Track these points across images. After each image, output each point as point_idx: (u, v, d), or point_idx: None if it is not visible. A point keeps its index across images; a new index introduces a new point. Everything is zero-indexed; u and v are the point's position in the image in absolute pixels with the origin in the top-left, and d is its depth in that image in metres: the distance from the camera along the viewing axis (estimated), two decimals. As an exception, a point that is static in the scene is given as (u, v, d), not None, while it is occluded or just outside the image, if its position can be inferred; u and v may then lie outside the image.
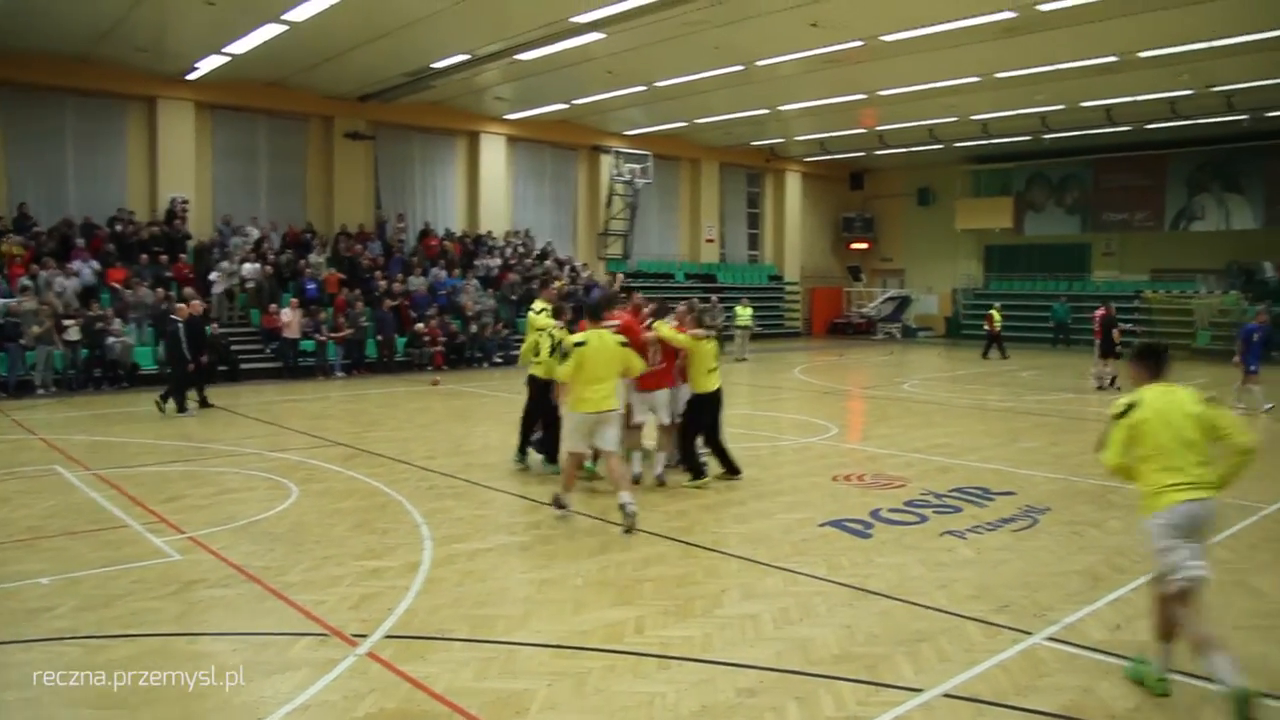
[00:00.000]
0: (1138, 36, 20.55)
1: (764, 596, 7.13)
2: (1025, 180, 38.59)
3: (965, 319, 39.16)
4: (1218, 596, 7.18)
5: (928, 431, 15.42)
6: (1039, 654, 6.09)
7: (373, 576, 7.56)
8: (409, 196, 30.05)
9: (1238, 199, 33.30)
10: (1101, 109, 28.70)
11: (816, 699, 5.38)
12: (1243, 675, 5.02)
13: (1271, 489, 11.12)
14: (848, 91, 26.80)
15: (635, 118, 31.70)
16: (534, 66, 23.31)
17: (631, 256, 35.06)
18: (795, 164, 41.00)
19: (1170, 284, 34.34)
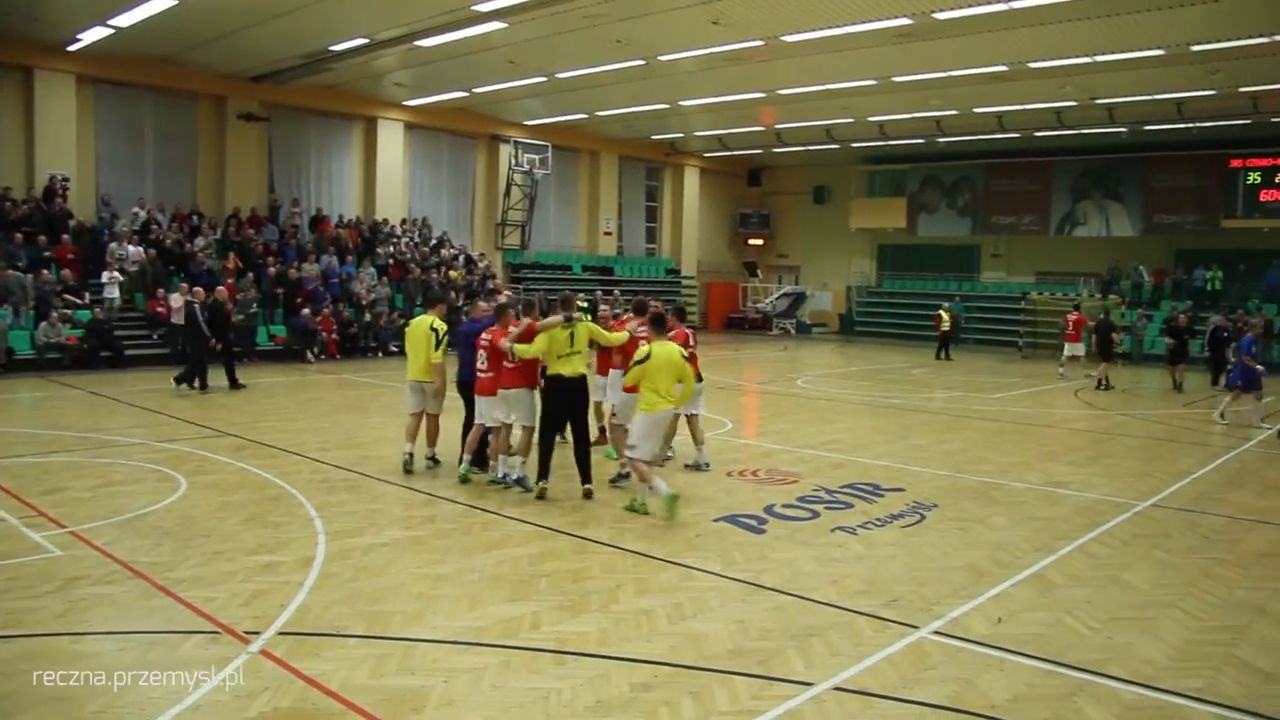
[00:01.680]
0: (1026, 48, 21.21)
1: (659, 592, 7.21)
2: (919, 182, 39.51)
3: (859, 316, 39.98)
4: (1092, 591, 7.53)
5: (821, 428, 15.72)
6: (925, 647, 6.28)
7: (265, 572, 7.44)
8: (304, 181, 29.42)
9: (1117, 207, 34.64)
10: (992, 115, 29.54)
11: (710, 693, 5.48)
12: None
13: (1143, 486, 11.63)
14: (747, 89, 27.09)
15: (535, 108, 31.55)
16: (434, 53, 23.04)
17: (529, 247, 34.92)
18: (694, 159, 41.29)
19: (1054, 286, 35.52)
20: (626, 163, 39.28)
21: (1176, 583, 7.86)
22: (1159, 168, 33.45)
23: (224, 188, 27.34)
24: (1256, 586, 7.84)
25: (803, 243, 43.59)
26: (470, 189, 34.07)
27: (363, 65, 25.00)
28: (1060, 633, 6.63)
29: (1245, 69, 22.51)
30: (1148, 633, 6.67)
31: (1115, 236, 34.83)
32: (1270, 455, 14.41)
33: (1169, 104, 26.72)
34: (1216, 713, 5.45)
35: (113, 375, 20.15)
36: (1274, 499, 11.37)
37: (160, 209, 25.60)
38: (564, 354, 9.98)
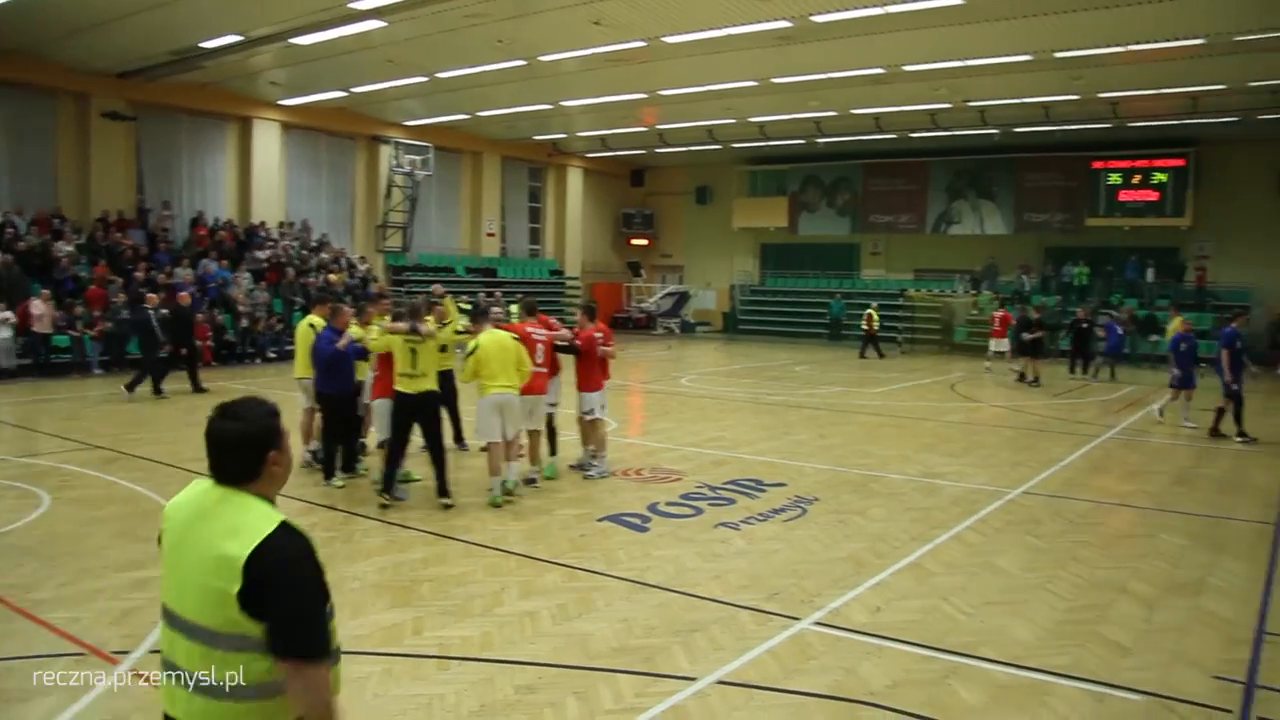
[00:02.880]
0: (901, 52, 21.74)
1: (543, 593, 7.20)
2: (799, 181, 40.19)
3: (742, 314, 40.47)
4: (966, 577, 7.77)
5: (704, 426, 15.88)
6: (807, 638, 6.40)
7: (136, 588, 7.17)
8: (175, 183, 28.42)
9: (990, 206, 35.82)
10: (870, 117, 30.19)
11: (595, 692, 5.49)
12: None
13: (1015, 475, 12.05)
14: (629, 90, 27.17)
15: (416, 108, 31.14)
16: (310, 52, 22.52)
17: (411, 249, 34.45)
18: (577, 159, 41.27)
19: (931, 283, 36.52)
20: (509, 163, 39.05)
21: (1045, 566, 8.16)
22: (1028, 168, 34.69)
23: (89, 189, 26.20)
24: (1118, 566, 8.19)
25: (686, 242, 43.94)
26: (350, 191, 33.44)
27: (236, 63, 24.31)
28: (936, 619, 6.83)
29: (1105, 76, 23.54)
30: (1018, 615, 6.92)
31: (989, 234, 35.97)
32: (1132, 442, 15.06)
33: (1036, 107, 27.73)
34: (1080, 687, 5.69)
35: (-28, 386, 19.24)
36: (1135, 483, 11.90)
37: (18, 212, 24.38)
38: (407, 373, 9.69)
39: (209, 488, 2.79)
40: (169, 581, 2.78)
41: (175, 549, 2.78)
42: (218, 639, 2.61)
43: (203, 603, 2.62)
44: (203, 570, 2.63)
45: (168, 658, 2.76)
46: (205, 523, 2.70)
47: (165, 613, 2.78)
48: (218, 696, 2.62)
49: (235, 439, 2.77)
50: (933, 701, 5.47)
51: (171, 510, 2.88)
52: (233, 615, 2.56)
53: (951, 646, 6.30)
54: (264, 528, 2.64)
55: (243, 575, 2.55)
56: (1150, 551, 8.72)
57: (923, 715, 5.30)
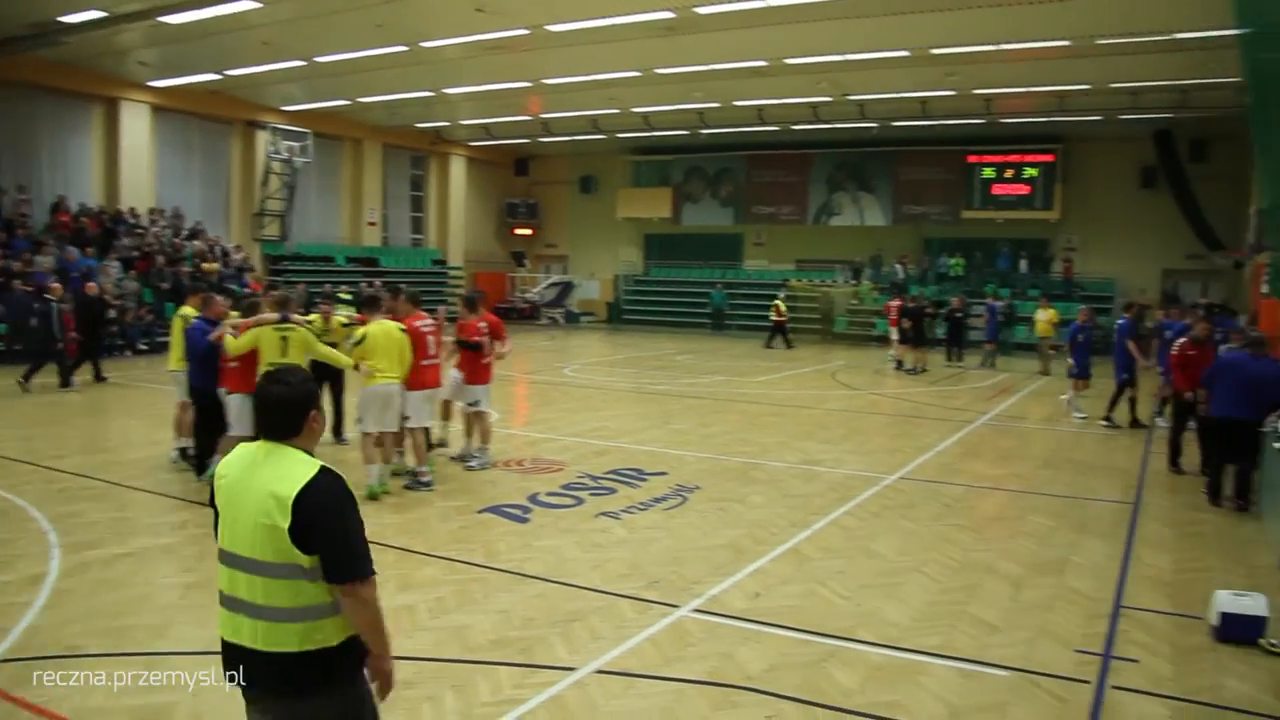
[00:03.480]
0: (784, 44, 22.01)
1: (421, 587, 7.10)
2: (683, 172, 40.43)
3: (626, 305, 40.58)
4: (844, 561, 7.92)
5: (586, 416, 15.86)
6: (686, 626, 6.44)
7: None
8: (34, 166, 27.09)
9: (870, 198, 36.61)
10: (753, 109, 30.54)
11: (473, 685, 5.44)
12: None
13: (892, 460, 12.33)
14: (513, 78, 26.95)
15: (294, 93, 30.35)
16: (182, 31, 21.66)
17: (290, 239, 33.60)
18: (461, 148, 40.79)
19: (813, 273, 37.14)
20: (391, 151, 38.38)
21: (919, 549, 8.37)
22: (907, 162, 35.56)
23: (-60, 172, 24.87)
24: (988, 547, 8.46)
25: (570, 232, 43.84)
26: (226, 177, 32.39)
27: (101, 40, 23.22)
28: (814, 603, 6.94)
29: (978, 73, 24.27)
30: (893, 597, 7.08)
31: (869, 225, 36.74)
32: (1003, 428, 15.56)
33: (914, 102, 28.42)
34: (951, 665, 5.86)
35: None
36: (1005, 467, 12.30)
37: None
38: (274, 364, 9.25)
39: (258, 445, 3.34)
40: (227, 528, 3.32)
41: (231, 498, 3.32)
42: (273, 569, 3.15)
43: (258, 540, 3.16)
44: (257, 511, 3.17)
45: (229, 594, 3.29)
46: (257, 472, 3.25)
47: (225, 555, 3.32)
48: (278, 619, 3.16)
49: (283, 401, 3.31)
50: (809, 684, 5.56)
51: (223, 468, 3.41)
52: (284, 547, 3.11)
53: (828, 630, 6.41)
54: (307, 473, 3.18)
55: (292, 513, 3.10)
56: (1018, 533, 9.02)
57: (798, 698, 5.38)
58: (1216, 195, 29.08)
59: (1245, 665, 6.01)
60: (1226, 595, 6.49)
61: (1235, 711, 5.40)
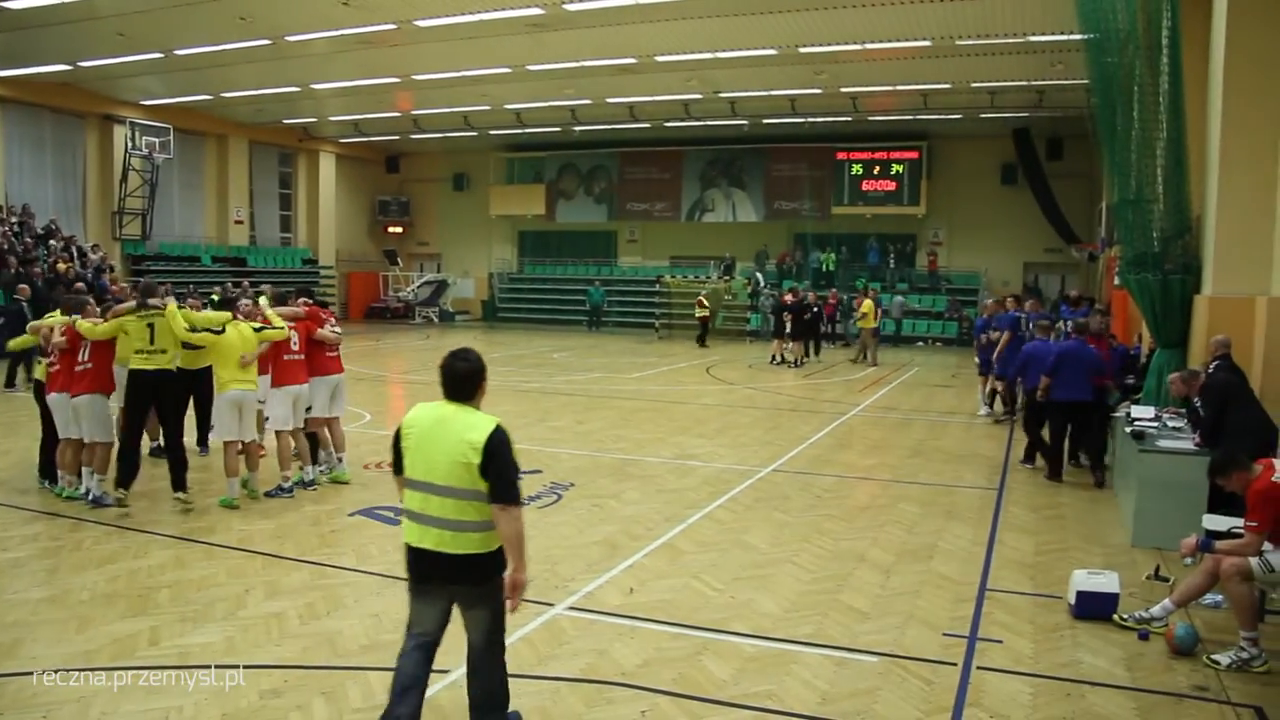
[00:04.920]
0: (653, 42, 22.17)
1: (290, 593, 6.92)
2: (557, 169, 40.34)
3: (501, 303, 40.32)
4: (717, 554, 8.00)
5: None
6: (560, 624, 6.42)
7: None
8: None
9: (742, 194, 37.09)
10: (625, 106, 30.66)
11: (344, 691, 5.33)
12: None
13: (765, 454, 12.50)
14: (382, 74, 26.52)
15: (153, 86, 29.26)
16: (26, 17, 20.57)
17: (151, 237, 32.42)
18: (330, 145, 39.95)
19: (687, 269, 37.44)
20: (257, 148, 37.36)
21: (791, 540, 8.50)
22: (778, 158, 36.14)
23: None
24: (859, 536, 8.63)
25: (443, 230, 43.34)
26: (81, 173, 31.08)
27: (-66, 28, 22.10)
28: (688, 597, 6.99)
29: (845, 71, 24.85)
30: (765, 589, 7.17)
31: (741, 222, 37.22)
32: (873, 419, 15.94)
33: (783, 100, 28.92)
34: (822, 654, 5.96)
35: None
36: (875, 457, 12.60)
37: None
38: (144, 349, 9.21)
39: (443, 404, 4.51)
40: (419, 463, 4.47)
41: (424, 442, 4.47)
42: (463, 493, 4.36)
43: (454, 472, 4.35)
44: (454, 452, 4.35)
45: (420, 512, 4.48)
46: (449, 424, 4.43)
47: (417, 484, 4.48)
48: (461, 529, 4.41)
49: (466, 373, 4.52)
50: (683, 678, 5.59)
51: (413, 420, 4.55)
52: (473, 478, 4.32)
53: (702, 623, 6.46)
54: (489, 425, 4.39)
55: (481, 453, 4.30)
56: (888, 521, 9.24)
57: (673, 692, 5.40)
58: (1072, 191, 30.39)
59: (1100, 640, 6.27)
60: (1082, 574, 6.77)
61: (1090, 685, 5.62)
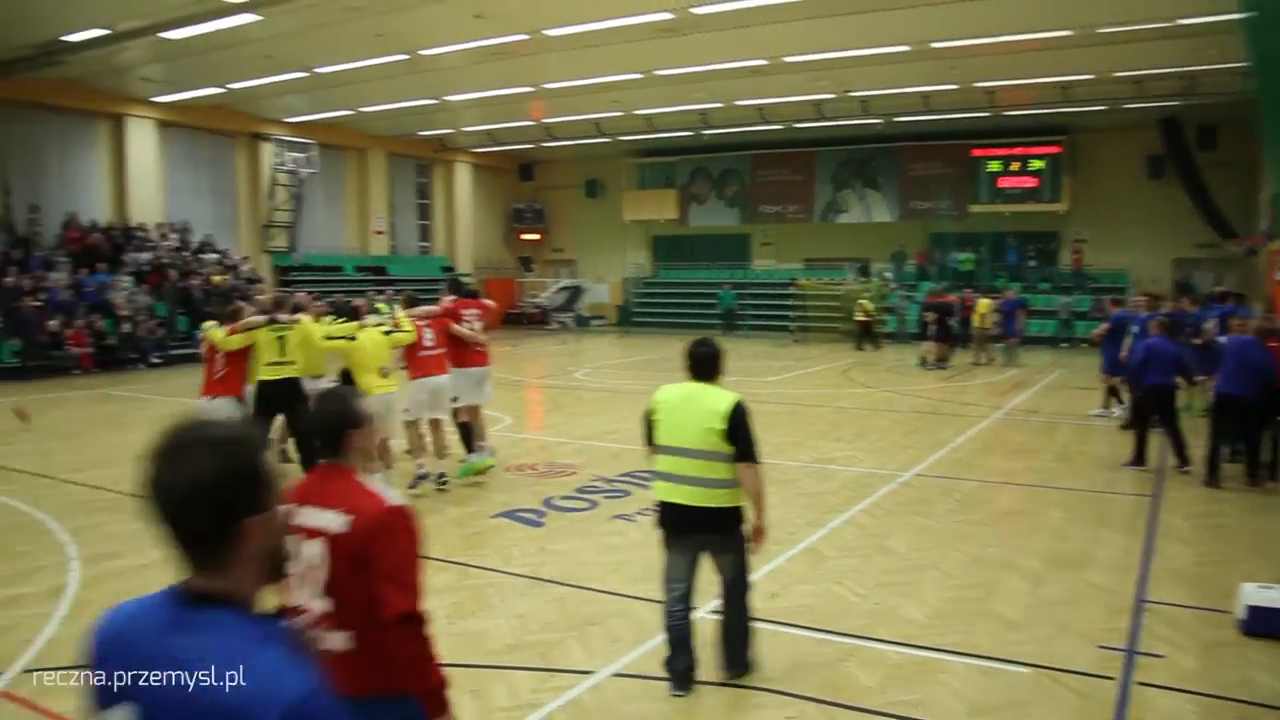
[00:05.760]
0: (783, 42, 21.97)
1: (437, 593, 7.05)
2: (688, 173, 40.35)
3: (635, 307, 40.53)
4: (859, 560, 7.88)
5: (599, 419, 15.83)
6: (703, 628, 6.39)
7: (8, 606, 6.88)
8: (44, 185, 27.19)
9: (876, 195, 36.47)
10: (755, 108, 30.49)
11: (490, 691, 5.42)
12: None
13: (905, 458, 12.27)
14: (514, 84, 26.95)
15: (297, 105, 30.40)
16: (184, 47, 21.70)
17: (298, 249, 33.68)
18: (465, 155, 40.82)
19: (821, 272, 37.02)
20: (395, 160, 38.43)
21: (935, 545, 8.32)
22: (912, 157, 35.37)
23: (-51, 193, 24.98)
24: (1005, 543, 8.40)
25: (577, 236, 43.80)
26: (233, 190, 32.47)
27: (104, 57, 23.32)
28: (830, 602, 6.90)
29: (980, 66, 24.16)
30: (910, 595, 7.03)
31: (875, 223, 36.62)
32: (1015, 422, 15.49)
33: (916, 97, 28.34)
34: (970, 663, 5.81)
35: None
36: (1019, 461, 12.25)
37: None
38: (274, 361, 9.66)
39: (688, 384, 5.53)
40: (671, 432, 5.41)
41: (674, 414, 5.44)
42: (710, 455, 5.26)
43: (703, 437, 5.26)
44: (702, 421, 5.29)
45: (672, 473, 5.39)
46: (697, 398, 5.40)
47: (669, 449, 5.41)
48: (708, 486, 5.29)
49: (708, 357, 5.52)
50: (829, 684, 5.53)
51: (662, 397, 5.59)
52: (718, 442, 5.24)
53: (846, 629, 6.37)
54: (732, 399, 5.33)
55: (726, 420, 5.23)
56: (1036, 527, 8.97)
57: (819, 698, 5.35)
58: (1227, 182, 28.86)
59: (1275, 659, 5.93)
60: (1253, 588, 6.41)
61: (1266, 708, 5.31)
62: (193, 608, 1.73)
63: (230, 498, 1.73)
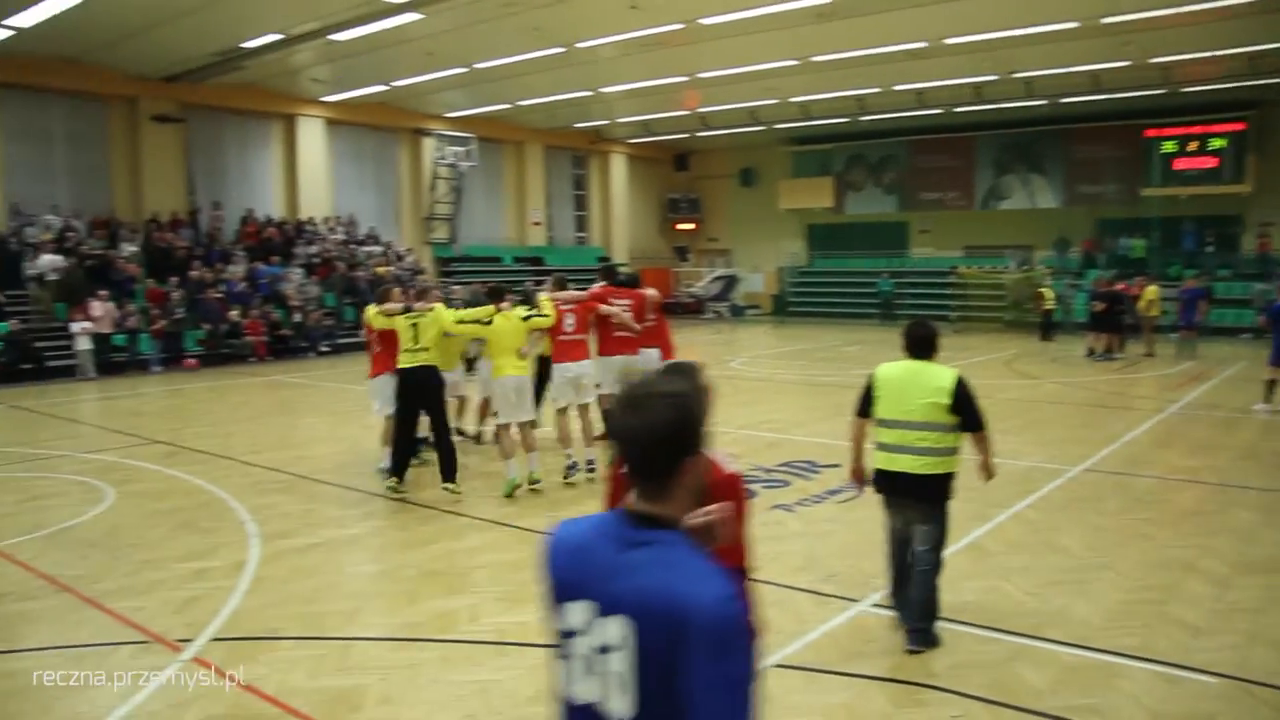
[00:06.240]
0: (944, 24, 21.38)
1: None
2: (844, 161, 39.74)
3: (791, 296, 40.18)
4: (1028, 557, 7.63)
5: (756, 408, 15.77)
6: (865, 621, 6.32)
7: (196, 578, 7.28)
8: (225, 182, 28.74)
9: (1040, 180, 35.16)
10: (913, 92, 29.81)
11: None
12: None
13: (1075, 452, 11.81)
14: (669, 74, 27.02)
15: (457, 100, 31.19)
16: (350, 47, 22.59)
17: (458, 240, 34.59)
18: (620, 145, 41.16)
19: (982, 259, 35.98)
20: (552, 152, 39.05)
21: (1109, 544, 7.99)
22: (1079, 139, 33.94)
23: (141, 192, 26.61)
24: (1186, 544, 7.99)
25: (732, 226, 43.67)
26: (395, 184, 33.59)
27: (278, 61, 24.49)
28: (997, 599, 6.70)
29: (1154, 40, 22.95)
30: (1082, 595, 6.77)
31: (1039, 208, 35.33)
32: (1196, 416, 14.73)
33: (1085, 76, 27.18)
34: (1151, 669, 5.55)
35: (36, 387, 19.59)
36: (1201, 458, 11.61)
37: (77, 216, 24.89)
38: (409, 348, 9.83)
39: (908, 362, 5.98)
40: (891, 405, 5.92)
41: (897, 390, 5.91)
42: (931, 427, 5.76)
43: (926, 410, 5.75)
44: (926, 395, 5.76)
45: (896, 443, 5.88)
46: (920, 375, 5.87)
47: (889, 422, 5.92)
48: (930, 455, 5.77)
49: (927, 337, 5.95)
50: (997, 684, 5.36)
51: (884, 375, 6.03)
52: (941, 415, 5.74)
53: (1014, 628, 6.17)
54: (953, 375, 5.81)
55: (951, 395, 5.72)
56: (1220, 528, 8.49)
57: (987, 698, 5.19)
58: None
59: None
60: None
61: None
62: (641, 527, 2.17)
63: (678, 441, 2.16)
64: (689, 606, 2.01)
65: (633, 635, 2.08)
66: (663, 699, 2.06)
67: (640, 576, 2.10)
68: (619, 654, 2.11)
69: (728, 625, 2.02)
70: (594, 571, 2.18)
